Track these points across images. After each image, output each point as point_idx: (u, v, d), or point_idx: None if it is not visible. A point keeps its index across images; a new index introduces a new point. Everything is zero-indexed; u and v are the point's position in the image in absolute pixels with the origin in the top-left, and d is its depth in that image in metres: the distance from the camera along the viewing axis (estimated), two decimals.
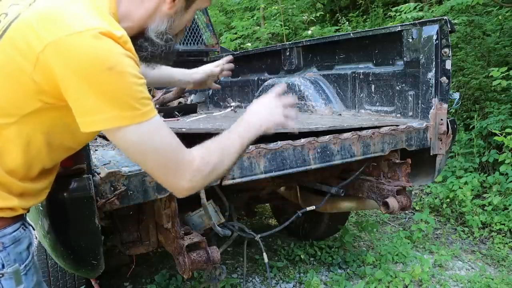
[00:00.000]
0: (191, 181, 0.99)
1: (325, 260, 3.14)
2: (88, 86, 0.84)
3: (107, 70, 0.84)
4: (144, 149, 0.93)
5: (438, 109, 2.13)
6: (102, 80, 0.84)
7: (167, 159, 0.96)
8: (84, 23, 0.86)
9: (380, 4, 7.71)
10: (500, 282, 2.75)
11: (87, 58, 0.83)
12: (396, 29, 2.28)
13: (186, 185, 0.99)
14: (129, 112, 0.88)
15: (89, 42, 0.84)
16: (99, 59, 0.84)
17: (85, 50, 0.83)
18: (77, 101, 0.86)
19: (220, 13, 9.94)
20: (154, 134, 0.93)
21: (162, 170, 0.97)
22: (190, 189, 1.01)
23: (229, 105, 3.21)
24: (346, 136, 1.88)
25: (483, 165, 4.39)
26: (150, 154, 0.94)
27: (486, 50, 5.12)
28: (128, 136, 0.90)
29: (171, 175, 0.98)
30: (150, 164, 0.96)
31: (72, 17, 0.86)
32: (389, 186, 2.08)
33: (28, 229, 1.06)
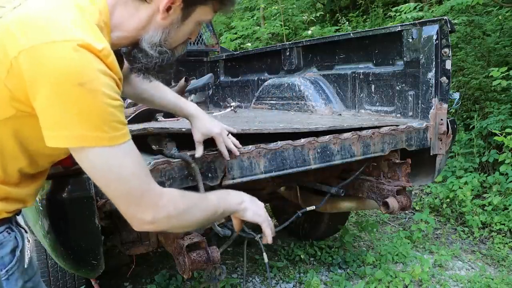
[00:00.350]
0: (154, 217, 0.94)
1: (325, 260, 3.13)
2: (56, 99, 0.80)
3: (78, 85, 0.79)
4: (107, 174, 0.88)
5: (438, 109, 2.13)
6: (71, 95, 0.79)
7: (131, 189, 0.90)
8: (63, 32, 0.81)
9: (380, 4, 7.72)
10: (500, 282, 2.75)
11: (59, 70, 0.79)
12: (396, 29, 2.29)
13: (147, 219, 0.94)
14: (96, 133, 0.83)
15: (64, 53, 0.79)
16: (71, 73, 0.79)
17: (59, 61, 0.79)
18: (43, 113, 0.82)
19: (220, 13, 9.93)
20: (121, 161, 0.88)
21: (124, 199, 0.92)
22: (150, 224, 0.95)
23: (229, 105, 3.21)
24: (346, 136, 1.88)
25: (483, 165, 4.39)
26: (113, 180, 0.89)
27: (486, 50, 5.12)
28: (91, 158, 0.86)
29: (133, 206, 0.92)
30: (112, 190, 0.90)
31: (52, 25, 0.82)
32: (389, 186, 2.08)
33: (14, 233, 1.02)
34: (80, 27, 0.85)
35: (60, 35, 0.81)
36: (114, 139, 0.85)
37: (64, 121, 0.81)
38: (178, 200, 1.00)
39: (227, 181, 1.57)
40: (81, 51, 0.80)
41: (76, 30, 0.83)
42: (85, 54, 0.81)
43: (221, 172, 1.56)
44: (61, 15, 0.84)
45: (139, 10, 1.01)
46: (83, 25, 0.86)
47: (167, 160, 1.43)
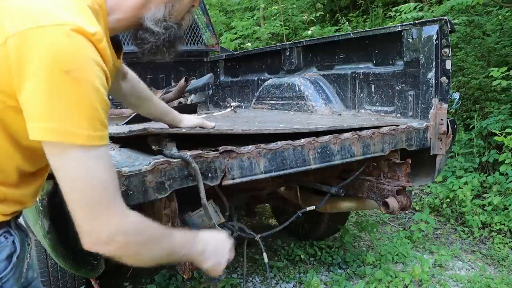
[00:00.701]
0: (110, 237, 0.83)
1: (325, 260, 3.14)
2: (40, 87, 0.74)
3: (64, 73, 0.73)
4: (75, 177, 0.79)
5: (438, 109, 2.13)
6: (56, 83, 0.73)
7: (95, 199, 0.81)
8: (53, 16, 0.76)
9: (380, 4, 7.72)
10: (500, 282, 2.75)
11: (48, 56, 0.73)
12: (396, 29, 2.28)
13: (102, 237, 0.83)
14: (74, 128, 0.76)
15: (55, 38, 0.74)
16: (60, 59, 0.73)
17: (48, 47, 0.73)
18: (27, 102, 0.76)
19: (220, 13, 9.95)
20: (93, 165, 0.80)
21: (84, 209, 0.81)
22: (103, 244, 0.84)
23: (229, 105, 3.21)
24: (346, 136, 1.88)
25: (483, 165, 4.39)
26: (79, 185, 0.79)
27: (486, 50, 5.12)
28: (63, 156, 0.78)
29: (92, 219, 0.81)
30: (74, 196, 0.81)
31: (40, 10, 0.77)
32: (389, 186, 2.08)
33: (13, 237, 0.97)
34: (70, 10, 0.80)
35: (49, 19, 0.76)
36: (92, 139, 0.78)
37: (44, 111, 0.75)
38: (142, 228, 0.91)
39: (227, 181, 1.57)
40: (73, 36, 0.75)
41: (66, 13, 0.79)
42: (78, 39, 0.76)
43: (221, 172, 1.55)
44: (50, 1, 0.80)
45: None
46: (73, 8, 0.82)
47: (167, 160, 1.43)
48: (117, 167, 1.40)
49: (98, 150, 0.80)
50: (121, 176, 1.35)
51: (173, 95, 3.22)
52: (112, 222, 0.83)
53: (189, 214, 1.78)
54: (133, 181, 1.37)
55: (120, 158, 1.56)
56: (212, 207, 1.78)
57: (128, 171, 1.37)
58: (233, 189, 1.92)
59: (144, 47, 1.06)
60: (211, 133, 1.64)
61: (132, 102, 1.54)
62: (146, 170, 1.38)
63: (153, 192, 1.41)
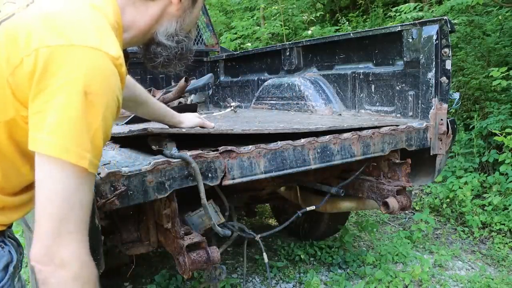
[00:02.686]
0: (66, 261, 0.78)
1: (325, 260, 3.14)
2: (56, 100, 0.75)
3: (83, 93, 0.75)
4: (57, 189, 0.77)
5: (438, 109, 2.13)
6: (73, 101, 0.75)
7: (69, 217, 0.78)
8: (84, 37, 0.78)
9: (380, 4, 7.72)
10: (500, 282, 2.75)
11: (72, 74, 0.75)
12: (396, 29, 2.28)
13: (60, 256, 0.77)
14: (75, 148, 0.76)
15: (83, 59, 0.76)
16: (83, 78, 0.75)
17: (75, 65, 0.75)
18: (38, 113, 0.76)
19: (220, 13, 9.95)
20: (80, 187, 0.79)
21: (55, 224, 0.77)
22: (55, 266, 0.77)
23: (229, 105, 3.21)
24: (346, 136, 1.88)
25: (483, 165, 4.39)
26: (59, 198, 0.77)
27: (486, 50, 5.12)
28: (54, 169, 0.76)
29: (56, 235, 0.77)
30: (49, 207, 0.77)
31: (71, 27, 0.79)
32: (389, 186, 2.08)
33: (8, 247, 0.95)
34: (99, 30, 0.82)
35: (81, 39, 0.78)
36: (89, 164, 0.78)
37: (53, 124, 0.75)
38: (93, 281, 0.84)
39: (227, 181, 1.57)
40: (101, 61, 0.78)
41: (96, 34, 0.81)
42: (105, 65, 0.78)
43: (221, 172, 1.55)
44: (81, 17, 0.82)
45: (149, 7, 1.01)
46: (101, 27, 0.84)
47: (167, 160, 1.43)
48: (117, 167, 1.40)
49: (89, 176, 0.80)
50: (121, 176, 1.35)
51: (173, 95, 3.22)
52: (75, 248, 0.79)
53: (189, 214, 1.78)
54: (133, 181, 1.37)
55: (120, 158, 1.56)
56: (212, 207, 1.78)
57: (128, 171, 1.37)
58: (233, 189, 1.92)
59: (156, 61, 1.08)
60: (211, 133, 1.64)
61: (129, 105, 1.56)
62: (146, 170, 1.38)
63: (153, 192, 1.41)
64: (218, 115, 2.98)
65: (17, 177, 0.91)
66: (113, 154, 1.65)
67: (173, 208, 1.57)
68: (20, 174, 0.91)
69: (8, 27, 0.81)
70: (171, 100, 3.23)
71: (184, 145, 1.56)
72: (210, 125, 1.73)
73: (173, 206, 1.57)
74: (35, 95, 0.77)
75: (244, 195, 2.40)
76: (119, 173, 1.35)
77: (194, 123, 1.70)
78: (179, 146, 1.52)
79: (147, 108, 1.58)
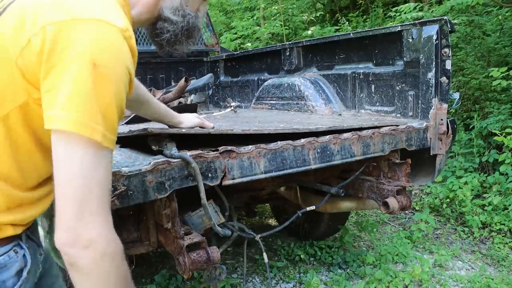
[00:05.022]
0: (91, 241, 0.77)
1: (325, 260, 3.13)
2: (66, 75, 0.74)
3: (91, 65, 0.73)
4: (76, 170, 0.75)
5: (438, 109, 2.13)
6: (82, 74, 0.73)
7: (90, 198, 0.76)
8: (88, 11, 0.78)
9: (380, 4, 7.72)
10: (500, 282, 2.75)
11: (81, 47, 0.74)
12: (396, 29, 2.28)
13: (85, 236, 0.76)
14: (92, 123, 0.74)
15: (90, 31, 0.75)
16: (90, 51, 0.74)
17: (82, 38, 0.74)
18: (50, 90, 0.75)
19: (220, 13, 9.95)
20: (99, 165, 0.77)
21: (76, 204, 0.76)
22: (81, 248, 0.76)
23: (229, 105, 3.21)
24: (346, 136, 1.88)
25: (483, 165, 4.39)
26: (79, 179, 0.75)
27: (486, 50, 5.12)
28: (72, 147, 0.74)
29: (79, 217, 0.76)
30: (69, 189, 0.75)
31: (76, 3, 0.79)
32: (389, 186, 2.08)
33: (23, 250, 0.92)
34: (102, 5, 0.82)
35: (85, 13, 0.77)
36: (106, 139, 0.77)
37: (66, 100, 0.73)
38: (121, 256, 0.84)
39: (227, 181, 1.57)
40: (108, 32, 0.77)
41: (100, 8, 0.80)
42: (113, 35, 0.77)
43: (221, 172, 1.55)
44: None
45: None
46: (107, 3, 0.84)
47: (167, 160, 1.43)
48: (117, 167, 1.40)
49: (107, 152, 0.79)
50: (121, 176, 1.35)
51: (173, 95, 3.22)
52: (99, 227, 0.78)
53: (189, 214, 1.78)
54: (133, 181, 1.38)
55: (120, 158, 1.56)
56: (212, 207, 1.78)
57: (128, 171, 1.37)
58: (233, 189, 1.92)
59: (162, 37, 1.07)
60: (211, 133, 1.64)
61: (131, 105, 1.55)
62: (146, 170, 1.38)
63: (153, 192, 1.41)
64: (218, 115, 2.98)
65: (34, 170, 0.88)
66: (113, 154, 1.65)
67: (173, 208, 1.57)
68: (36, 167, 0.88)
69: (14, 10, 0.81)
70: (171, 100, 3.23)
71: (184, 145, 1.56)
72: (209, 125, 1.73)
73: (173, 206, 1.57)
74: (45, 74, 0.75)
75: (244, 195, 2.39)
76: (119, 173, 1.35)
77: (194, 123, 1.70)
78: (179, 146, 1.52)
79: (148, 108, 1.57)
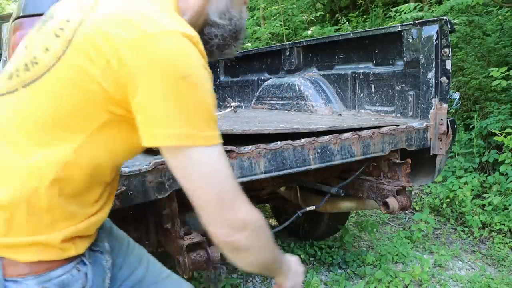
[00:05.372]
0: (244, 222, 0.85)
1: (325, 260, 3.13)
2: (160, 93, 0.76)
3: (181, 79, 0.76)
4: (204, 175, 0.81)
5: (438, 109, 2.13)
6: (176, 89, 0.76)
7: (225, 191, 0.83)
8: (157, 24, 0.78)
9: (380, 4, 7.71)
10: (500, 282, 2.75)
11: (165, 61, 0.76)
12: (396, 29, 2.28)
13: (238, 223, 0.85)
14: (195, 131, 0.79)
15: (167, 44, 0.76)
16: (175, 65, 0.76)
17: (164, 52, 0.76)
18: (144, 108, 0.77)
19: None
20: (218, 162, 0.83)
21: (217, 203, 0.83)
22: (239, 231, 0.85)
23: (229, 105, 3.21)
24: (346, 136, 1.88)
25: (483, 165, 4.39)
26: (209, 182, 0.82)
27: (486, 50, 5.12)
28: (189, 159, 0.80)
29: (225, 209, 0.84)
30: (205, 193, 0.82)
31: (144, 18, 0.79)
32: (389, 186, 2.08)
33: (86, 267, 0.92)
34: (169, 17, 0.82)
35: (155, 26, 0.78)
36: (212, 138, 0.81)
37: (165, 117, 0.77)
38: (264, 224, 0.91)
39: None
40: (182, 41, 0.78)
41: (168, 20, 0.81)
42: (187, 44, 0.79)
43: None
44: (148, 8, 0.82)
45: None
46: (170, 13, 0.84)
47: None
48: None
49: (217, 147, 0.83)
50: (121, 176, 1.35)
51: None
52: (243, 209, 0.86)
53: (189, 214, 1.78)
54: (133, 181, 1.38)
55: None
56: None
57: (128, 171, 1.37)
58: None
59: (211, 43, 1.06)
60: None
61: None
62: (146, 170, 1.38)
63: (153, 192, 1.41)
64: (218, 115, 2.98)
65: (100, 183, 0.91)
66: None
67: (173, 208, 1.57)
68: (104, 178, 0.91)
69: (85, 34, 0.80)
70: None
71: None
72: None
73: (173, 206, 1.57)
74: (132, 92, 0.77)
75: None
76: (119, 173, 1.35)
77: None
78: None
79: None
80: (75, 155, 0.81)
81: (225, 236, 0.85)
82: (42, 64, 0.82)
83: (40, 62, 0.82)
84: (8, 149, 0.82)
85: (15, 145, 0.81)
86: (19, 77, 0.84)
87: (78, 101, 0.80)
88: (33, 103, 0.81)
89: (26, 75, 0.83)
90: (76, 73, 0.79)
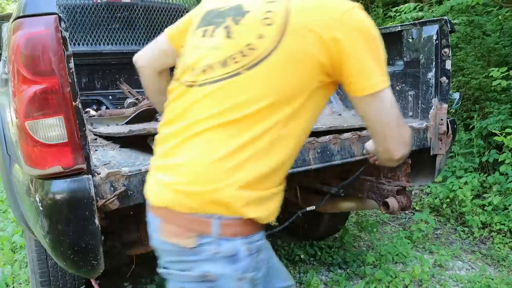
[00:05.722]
0: (410, 138, 1.13)
1: (325, 260, 3.14)
2: (365, 54, 0.99)
3: (375, 39, 1.02)
4: (390, 111, 1.06)
5: (438, 109, 2.13)
6: (374, 47, 1.02)
7: (399, 116, 1.09)
8: (343, 3, 1.01)
9: (380, 4, 7.71)
10: (500, 282, 2.75)
11: (366, 28, 1.00)
12: (396, 29, 2.29)
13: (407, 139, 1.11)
14: (385, 76, 1.03)
15: (362, 16, 1.01)
16: (370, 30, 1.01)
17: (363, 22, 1.01)
18: (356, 68, 1.00)
19: None
20: (392, 96, 1.07)
21: (397, 124, 1.08)
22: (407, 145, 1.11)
23: None
24: (346, 136, 1.88)
25: (483, 165, 4.39)
26: (391, 110, 1.06)
27: (486, 50, 5.11)
28: (381, 99, 1.03)
29: (401, 127, 1.09)
30: (389, 119, 1.06)
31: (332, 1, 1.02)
32: (389, 186, 2.08)
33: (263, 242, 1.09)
34: None
35: (347, 4, 1.02)
36: (388, 79, 1.05)
37: (373, 70, 1.01)
38: None
39: None
40: (363, 12, 1.03)
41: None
42: (365, 14, 1.03)
43: None
44: None
45: None
46: None
47: None
48: (117, 167, 1.40)
49: (390, 88, 1.07)
50: (121, 176, 1.35)
51: None
52: (407, 127, 1.13)
53: None
54: (133, 181, 1.38)
55: (120, 158, 1.56)
56: None
57: (128, 171, 1.37)
58: None
59: None
60: None
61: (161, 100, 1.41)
62: (146, 170, 1.38)
63: None
64: None
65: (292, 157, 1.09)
66: (113, 154, 1.65)
67: None
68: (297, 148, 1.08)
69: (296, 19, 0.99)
70: None
71: None
72: None
73: None
74: (348, 55, 0.99)
75: None
76: (119, 173, 1.35)
77: None
78: None
79: None
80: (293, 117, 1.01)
81: (403, 153, 1.11)
82: (262, 48, 0.99)
83: (257, 48, 0.99)
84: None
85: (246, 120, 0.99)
86: (238, 63, 1.00)
87: (300, 75, 0.99)
88: (261, 81, 0.98)
89: (246, 59, 0.99)
90: (297, 53, 0.98)
